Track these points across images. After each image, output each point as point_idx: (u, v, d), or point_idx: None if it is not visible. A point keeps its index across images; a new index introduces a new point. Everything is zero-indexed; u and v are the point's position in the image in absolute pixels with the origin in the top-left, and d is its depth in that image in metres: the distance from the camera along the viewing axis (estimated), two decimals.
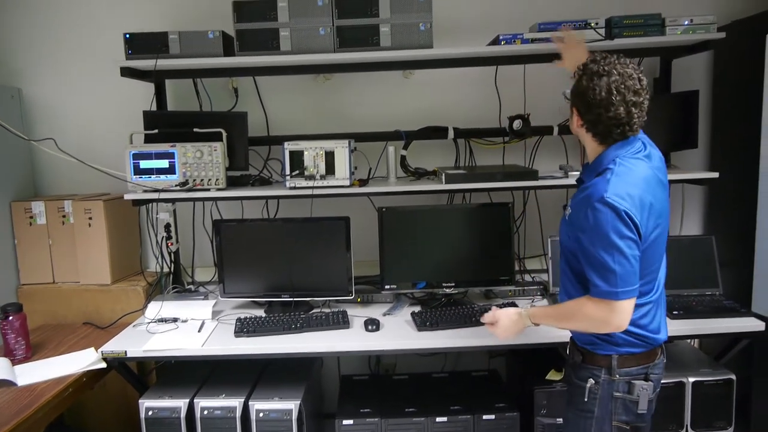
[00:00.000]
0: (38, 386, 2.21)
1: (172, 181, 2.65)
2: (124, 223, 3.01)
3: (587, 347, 1.84)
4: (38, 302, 2.88)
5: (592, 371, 1.82)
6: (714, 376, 2.48)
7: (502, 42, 2.60)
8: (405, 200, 2.82)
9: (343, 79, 3.08)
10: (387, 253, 2.74)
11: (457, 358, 3.24)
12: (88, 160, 2.66)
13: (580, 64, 1.76)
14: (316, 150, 2.60)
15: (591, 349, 1.83)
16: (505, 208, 2.78)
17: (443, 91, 3.09)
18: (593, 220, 1.65)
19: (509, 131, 2.81)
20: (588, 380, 1.82)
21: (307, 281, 2.75)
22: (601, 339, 1.80)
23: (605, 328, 1.72)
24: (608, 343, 1.79)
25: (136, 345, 2.41)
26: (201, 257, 3.21)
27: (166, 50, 2.59)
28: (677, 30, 2.58)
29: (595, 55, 1.75)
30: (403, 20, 2.55)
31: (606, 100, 1.66)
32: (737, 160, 2.83)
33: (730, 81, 2.96)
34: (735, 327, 2.41)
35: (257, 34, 2.58)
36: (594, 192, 1.67)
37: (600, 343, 1.81)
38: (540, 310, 1.94)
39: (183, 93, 3.08)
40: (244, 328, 2.48)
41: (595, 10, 2.76)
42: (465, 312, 2.55)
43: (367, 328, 2.48)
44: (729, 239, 2.86)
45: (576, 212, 1.75)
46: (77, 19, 3.06)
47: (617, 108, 1.66)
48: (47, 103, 3.12)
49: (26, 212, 2.90)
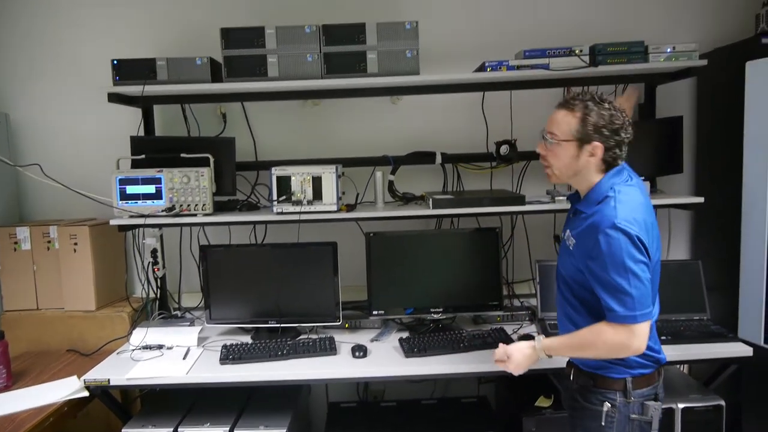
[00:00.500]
0: (18, 416, 2.16)
1: (159, 206, 2.64)
2: (110, 248, 2.98)
3: (598, 372, 1.84)
4: (22, 329, 2.84)
5: (606, 395, 1.82)
6: (703, 402, 2.46)
7: (488, 69, 2.63)
8: (393, 225, 2.83)
9: (331, 104, 3.09)
10: (375, 279, 2.73)
11: (447, 384, 3.21)
12: (75, 186, 2.65)
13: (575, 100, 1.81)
14: (303, 175, 2.60)
15: (603, 373, 1.83)
16: (492, 233, 2.78)
17: (431, 117, 3.11)
18: (606, 247, 1.68)
19: (496, 156, 2.83)
20: (603, 404, 1.82)
21: (294, 307, 2.73)
22: (614, 362, 1.81)
23: (625, 352, 1.73)
24: (622, 366, 1.81)
25: (119, 373, 2.37)
26: (188, 283, 3.19)
27: (154, 76, 2.61)
28: (660, 57, 2.62)
29: (574, 92, 1.85)
30: (390, 47, 2.58)
31: (625, 122, 1.78)
32: (722, 185, 2.86)
33: (713, 106, 3.00)
34: (723, 352, 2.41)
35: (245, 61, 2.60)
36: (602, 219, 1.71)
37: (613, 367, 1.81)
38: (554, 342, 1.89)
39: (171, 118, 3.08)
40: (229, 355, 2.45)
41: (579, 37, 2.81)
42: (453, 337, 2.54)
43: (355, 354, 2.46)
44: (715, 264, 2.87)
45: (583, 241, 1.78)
46: (65, 44, 3.07)
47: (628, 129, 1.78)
48: (34, 128, 3.12)
49: (11, 238, 2.87)
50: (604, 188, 1.79)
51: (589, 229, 1.75)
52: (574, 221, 1.87)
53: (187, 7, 3.05)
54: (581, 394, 1.89)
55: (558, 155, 1.83)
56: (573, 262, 1.83)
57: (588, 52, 2.64)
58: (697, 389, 2.58)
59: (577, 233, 1.82)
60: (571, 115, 1.79)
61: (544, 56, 2.63)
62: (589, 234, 1.74)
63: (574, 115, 1.78)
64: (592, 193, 1.82)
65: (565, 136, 1.79)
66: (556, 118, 1.83)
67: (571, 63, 2.62)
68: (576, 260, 1.81)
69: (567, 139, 1.79)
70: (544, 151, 1.87)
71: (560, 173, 1.86)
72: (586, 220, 1.78)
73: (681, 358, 2.42)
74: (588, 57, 2.63)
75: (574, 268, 1.83)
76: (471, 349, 2.45)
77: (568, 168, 1.83)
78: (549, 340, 1.89)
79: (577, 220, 1.86)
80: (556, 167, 1.85)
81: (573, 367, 1.94)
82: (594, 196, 1.81)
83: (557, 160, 1.84)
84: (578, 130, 1.77)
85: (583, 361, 1.89)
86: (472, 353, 2.43)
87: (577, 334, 1.83)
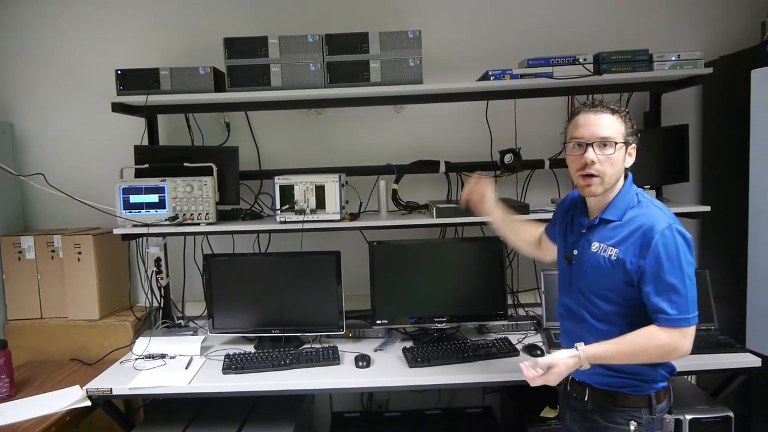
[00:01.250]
0: (20, 426, 2.15)
1: (162, 215, 2.64)
2: (114, 257, 2.99)
3: (621, 390, 1.80)
4: (25, 338, 2.84)
5: (631, 413, 1.78)
6: (712, 413, 2.43)
7: (491, 78, 2.63)
8: (396, 234, 2.81)
9: (335, 113, 3.09)
10: (378, 288, 2.72)
11: (452, 395, 3.18)
12: (79, 195, 2.65)
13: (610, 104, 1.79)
14: (306, 184, 2.59)
15: (628, 391, 1.79)
16: (497, 242, 2.75)
17: (434, 126, 3.11)
18: (664, 248, 1.66)
19: (500, 165, 2.82)
20: (629, 423, 1.77)
21: (297, 316, 2.72)
22: (640, 380, 1.78)
23: (674, 355, 1.71)
24: (647, 382, 1.79)
25: (122, 382, 2.36)
26: (191, 292, 3.18)
27: (158, 86, 2.62)
28: (665, 65, 2.61)
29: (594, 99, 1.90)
30: (393, 56, 2.58)
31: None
32: (729, 193, 2.83)
33: (719, 115, 2.98)
34: (732, 363, 2.38)
35: (248, 70, 2.61)
36: (654, 221, 1.69)
37: (639, 384, 1.78)
38: (600, 349, 1.73)
39: (175, 127, 3.09)
40: (232, 364, 2.44)
41: (583, 46, 2.80)
42: (458, 347, 2.52)
43: (358, 364, 2.44)
44: (722, 273, 2.84)
45: (631, 247, 1.72)
46: (70, 54, 3.09)
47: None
48: (39, 138, 3.13)
49: (15, 247, 2.88)
50: (630, 194, 1.79)
51: (639, 233, 1.70)
52: (602, 232, 1.79)
53: (190, 17, 3.06)
54: (601, 414, 1.83)
55: (615, 162, 1.75)
56: (612, 275, 1.75)
57: (592, 60, 2.63)
58: (705, 400, 2.54)
59: (616, 241, 1.74)
60: (618, 118, 1.76)
61: (547, 65, 2.62)
62: (640, 237, 1.70)
63: (620, 118, 1.76)
64: (618, 200, 1.79)
65: (621, 139, 1.75)
66: (605, 122, 1.75)
67: (575, 71, 2.61)
68: (617, 272, 1.73)
69: (623, 141, 1.75)
70: (596, 158, 1.74)
71: (610, 181, 1.77)
72: (626, 227, 1.74)
73: (688, 369, 2.39)
74: (592, 65, 2.62)
75: (613, 280, 1.75)
76: (475, 359, 2.43)
77: (618, 174, 1.78)
78: (594, 348, 1.74)
79: (605, 230, 1.79)
80: (608, 175, 1.75)
81: (587, 387, 1.86)
82: (622, 203, 1.78)
83: (613, 167, 1.75)
84: (627, 132, 1.76)
85: (601, 381, 1.82)
86: (476, 363, 2.41)
87: (627, 340, 1.71)
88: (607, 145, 1.73)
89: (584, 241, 1.84)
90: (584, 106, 1.80)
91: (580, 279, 1.85)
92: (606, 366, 1.79)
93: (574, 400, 1.92)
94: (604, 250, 1.77)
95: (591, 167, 1.74)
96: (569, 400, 1.96)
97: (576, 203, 1.97)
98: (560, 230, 2.00)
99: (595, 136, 1.74)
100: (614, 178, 1.77)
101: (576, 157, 1.78)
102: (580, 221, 1.89)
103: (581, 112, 1.80)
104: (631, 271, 1.71)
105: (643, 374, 1.78)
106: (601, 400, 1.83)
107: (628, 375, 1.78)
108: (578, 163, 1.77)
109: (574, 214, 1.95)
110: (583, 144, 1.76)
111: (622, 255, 1.73)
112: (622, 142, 1.74)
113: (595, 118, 1.76)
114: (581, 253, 1.85)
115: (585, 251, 1.83)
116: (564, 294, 1.95)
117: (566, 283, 1.93)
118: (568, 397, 1.96)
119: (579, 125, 1.78)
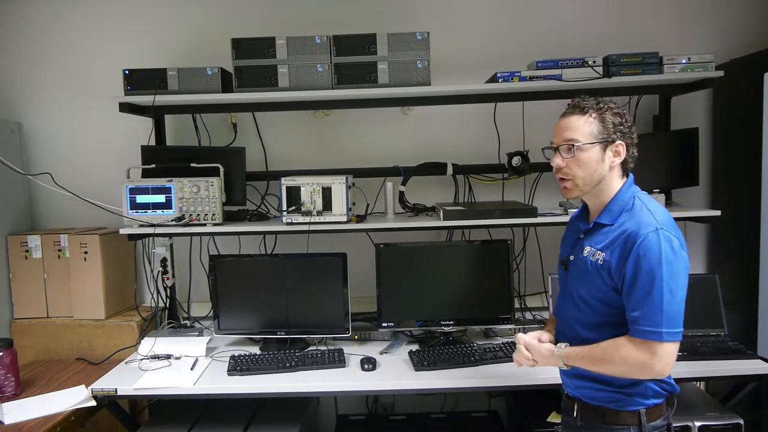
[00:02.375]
0: (25, 425, 2.15)
1: (169, 216, 2.63)
2: (120, 257, 2.99)
3: (610, 406, 1.72)
4: (31, 337, 2.85)
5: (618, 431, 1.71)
6: (721, 420, 2.40)
7: (499, 80, 2.62)
8: (403, 236, 2.80)
9: (342, 114, 3.08)
10: (384, 290, 2.70)
11: (457, 398, 3.16)
12: (86, 195, 2.65)
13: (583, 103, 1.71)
14: (313, 185, 2.58)
15: (616, 407, 1.71)
16: (504, 245, 2.75)
17: (442, 128, 3.09)
18: (644, 252, 1.58)
19: (508, 168, 2.80)
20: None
21: (303, 318, 2.71)
22: (627, 393, 1.70)
23: (645, 373, 1.62)
24: (636, 396, 1.70)
25: (127, 382, 2.36)
26: (197, 292, 3.18)
27: (165, 86, 2.62)
28: (675, 68, 2.59)
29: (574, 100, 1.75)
30: (401, 58, 2.57)
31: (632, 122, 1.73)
32: (740, 198, 2.81)
33: (730, 118, 2.95)
34: (742, 369, 2.35)
35: (256, 71, 2.60)
36: (640, 225, 1.61)
37: (626, 399, 1.70)
38: (574, 352, 1.73)
39: (182, 128, 3.09)
40: (237, 366, 2.43)
41: (593, 48, 2.78)
42: (464, 351, 2.50)
43: (363, 367, 2.43)
44: (733, 278, 2.81)
45: (615, 251, 1.65)
46: (77, 55, 3.10)
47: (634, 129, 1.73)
48: (47, 137, 3.14)
49: (22, 246, 2.89)
50: (626, 196, 1.71)
51: (623, 237, 1.63)
52: (595, 236, 1.74)
53: (198, 18, 3.06)
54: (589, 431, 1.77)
55: (583, 163, 1.69)
56: (597, 280, 1.69)
57: (601, 63, 2.61)
58: (715, 407, 2.51)
59: (604, 245, 1.68)
60: (587, 117, 1.69)
61: (556, 67, 2.61)
62: (623, 242, 1.63)
63: (590, 118, 1.69)
64: (613, 203, 1.72)
65: (588, 140, 1.68)
66: (571, 124, 1.70)
67: (584, 74, 2.59)
68: (602, 276, 1.67)
69: (591, 142, 1.68)
70: (563, 162, 1.72)
71: (584, 183, 1.72)
72: (614, 231, 1.67)
73: (698, 375, 2.37)
74: (601, 68, 2.60)
75: (598, 285, 1.69)
76: (482, 363, 2.41)
77: (593, 176, 1.70)
78: (569, 350, 1.75)
79: (598, 234, 1.73)
80: (580, 177, 1.71)
81: (577, 402, 1.81)
82: (617, 207, 1.71)
83: (582, 169, 1.70)
84: (600, 131, 1.68)
85: (591, 395, 1.76)
86: (483, 367, 2.40)
87: (598, 347, 1.68)
88: (572, 148, 1.69)
89: (579, 246, 1.79)
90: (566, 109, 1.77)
91: (573, 284, 1.80)
92: (593, 377, 1.73)
93: (566, 416, 1.88)
94: (593, 254, 1.72)
95: (559, 171, 1.74)
96: (564, 416, 1.92)
97: (582, 211, 1.91)
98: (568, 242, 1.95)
99: (560, 140, 1.72)
100: (589, 179, 1.70)
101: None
102: (578, 226, 1.85)
103: (560, 116, 1.78)
104: (615, 275, 1.65)
105: (630, 387, 1.70)
106: (591, 417, 1.77)
107: (616, 388, 1.70)
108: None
109: (573, 225, 1.91)
110: (552, 150, 1.75)
111: (608, 258, 1.66)
112: (591, 142, 1.67)
113: (563, 121, 1.74)
114: (576, 258, 1.80)
115: (578, 256, 1.78)
116: (560, 299, 1.91)
117: (562, 289, 1.90)
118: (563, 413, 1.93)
119: (553, 131, 1.77)
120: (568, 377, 1.85)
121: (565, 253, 1.89)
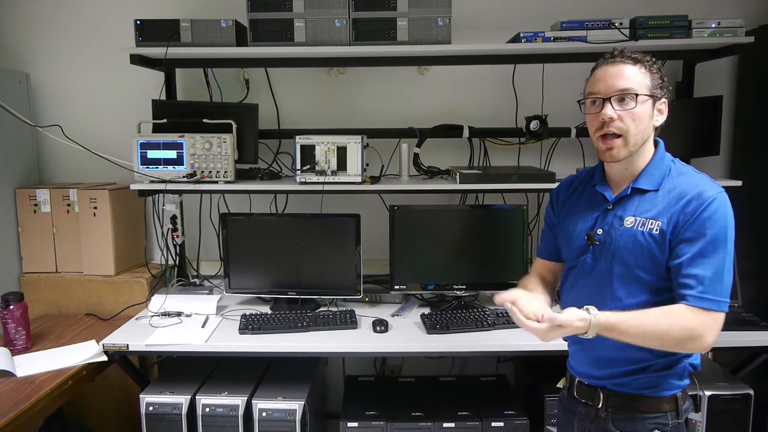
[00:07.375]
0: (37, 378, 2.15)
1: (180, 172, 2.59)
2: (130, 213, 2.95)
3: (644, 392, 1.58)
4: (40, 291, 2.83)
5: (656, 420, 1.58)
6: (731, 390, 2.40)
7: (522, 40, 2.53)
8: (417, 199, 2.76)
9: (357, 73, 3.01)
10: (397, 253, 2.68)
11: (465, 362, 3.17)
12: (95, 149, 2.61)
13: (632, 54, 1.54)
14: (327, 145, 2.53)
15: (652, 393, 1.58)
16: (519, 210, 2.71)
17: (459, 90, 3.02)
18: (714, 218, 1.46)
19: (526, 132, 2.74)
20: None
21: (314, 279, 2.69)
22: (665, 376, 1.57)
23: (697, 345, 1.46)
24: (672, 378, 1.58)
25: (138, 339, 2.35)
26: (207, 251, 3.15)
27: (178, 38, 2.54)
28: (704, 33, 2.51)
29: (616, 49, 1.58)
30: (422, 14, 2.48)
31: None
32: (760, 169, 2.76)
33: (754, 87, 2.88)
34: (754, 341, 2.34)
35: (271, 25, 2.52)
36: (699, 190, 1.49)
37: (664, 381, 1.57)
38: (617, 321, 1.46)
39: (193, 83, 3.02)
40: (249, 324, 2.42)
41: (620, 9, 2.70)
42: (476, 316, 2.49)
43: (375, 329, 2.42)
44: (749, 249, 2.78)
45: (674, 218, 1.50)
46: (87, 4, 3.00)
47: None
48: (55, 89, 3.06)
49: (30, 200, 2.85)
50: (666, 160, 1.58)
51: (684, 201, 1.49)
52: (635, 205, 1.56)
53: None
54: (616, 424, 1.61)
55: (638, 117, 1.50)
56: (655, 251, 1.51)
57: (628, 24, 2.52)
58: (724, 377, 2.52)
59: (657, 212, 1.52)
60: (639, 68, 1.52)
61: (582, 28, 2.52)
62: (683, 206, 1.48)
63: (643, 68, 1.52)
64: (652, 167, 1.57)
65: (645, 92, 1.50)
66: (625, 73, 1.51)
67: (610, 36, 2.51)
68: (662, 246, 1.51)
69: (647, 94, 1.51)
70: (615, 114, 1.51)
71: (635, 142, 1.53)
72: (666, 196, 1.52)
73: None
74: (628, 30, 2.52)
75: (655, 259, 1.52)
76: (493, 328, 2.41)
77: (644, 133, 1.53)
78: (608, 316, 1.46)
79: (641, 202, 1.56)
80: (633, 133, 1.51)
81: (602, 391, 1.64)
82: (657, 171, 1.56)
83: (637, 124, 1.51)
84: (653, 85, 1.52)
85: (622, 382, 1.61)
86: (494, 332, 2.39)
87: (649, 315, 1.46)
88: (628, 99, 1.50)
89: (612, 218, 1.59)
90: (603, 59, 1.58)
91: (608, 263, 1.59)
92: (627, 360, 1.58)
93: (584, 407, 1.70)
94: (642, 224, 1.53)
95: (610, 125, 1.51)
96: (576, 406, 1.73)
97: (580, 182, 1.75)
98: (564, 222, 1.76)
99: (613, 89, 1.51)
100: (640, 137, 1.53)
101: (593, 115, 1.55)
102: (599, 196, 1.65)
103: (599, 65, 1.57)
104: (674, 243, 1.49)
105: (668, 368, 1.57)
106: (622, 405, 1.61)
107: (653, 372, 1.57)
108: (596, 122, 1.54)
109: (583, 193, 1.72)
110: (600, 100, 1.54)
111: (666, 227, 1.50)
112: (647, 94, 1.51)
113: (613, 69, 1.52)
114: (609, 231, 1.59)
115: (615, 228, 1.57)
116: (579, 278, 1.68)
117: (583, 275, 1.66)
118: (575, 403, 1.74)
119: (597, 80, 1.55)
120: (588, 364, 1.69)
121: (584, 225, 1.66)
